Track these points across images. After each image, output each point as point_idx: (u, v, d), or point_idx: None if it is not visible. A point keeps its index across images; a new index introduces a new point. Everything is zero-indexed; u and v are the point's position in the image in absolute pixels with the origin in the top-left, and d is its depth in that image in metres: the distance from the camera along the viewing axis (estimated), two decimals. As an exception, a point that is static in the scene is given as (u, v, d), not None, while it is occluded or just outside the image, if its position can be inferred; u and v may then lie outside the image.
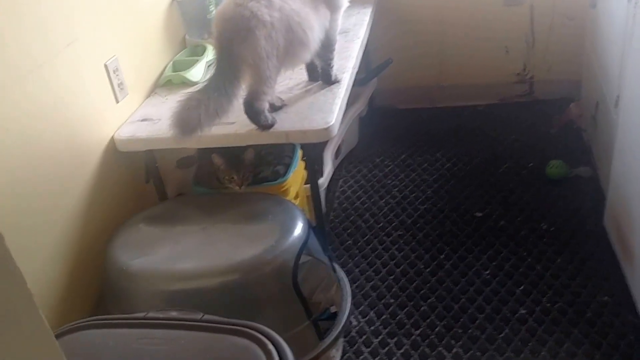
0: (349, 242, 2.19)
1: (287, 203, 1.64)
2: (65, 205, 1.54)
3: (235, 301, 1.43)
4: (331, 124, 1.62)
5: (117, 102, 1.78)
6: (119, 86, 1.78)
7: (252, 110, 1.59)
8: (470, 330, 1.78)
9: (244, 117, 1.66)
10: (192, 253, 1.48)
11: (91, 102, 1.66)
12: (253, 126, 1.64)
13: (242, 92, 1.57)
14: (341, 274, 1.76)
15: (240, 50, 1.51)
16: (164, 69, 2.06)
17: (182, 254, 1.48)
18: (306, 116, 1.67)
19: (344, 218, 2.31)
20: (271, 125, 1.63)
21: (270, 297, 1.46)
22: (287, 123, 1.65)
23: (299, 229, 1.53)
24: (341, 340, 1.72)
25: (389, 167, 2.59)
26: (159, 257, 1.48)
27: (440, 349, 1.74)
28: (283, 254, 1.45)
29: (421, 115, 2.95)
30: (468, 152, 2.64)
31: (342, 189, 2.49)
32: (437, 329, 1.80)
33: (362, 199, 2.41)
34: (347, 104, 1.87)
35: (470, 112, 2.93)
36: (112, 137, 1.74)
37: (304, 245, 1.51)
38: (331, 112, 1.67)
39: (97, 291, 1.62)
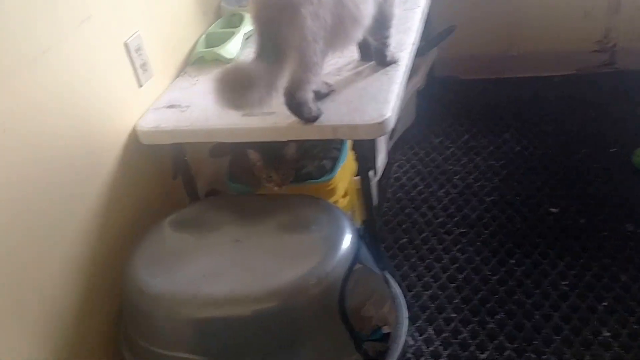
0: (404, 240, 1.95)
1: (334, 210, 1.41)
2: (79, 210, 1.36)
3: (271, 332, 1.24)
4: (386, 117, 1.37)
5: (140, 86, 1.57)
6: (141, 67, 1.57)
7: (294, 102, 1.36)
8: (544, 357, 1.54)
9: (285, 107, 1.42)
10: (223, 273, 1.28)
11: (109, 89, 1.45)
12: (295, 118, 1.41)
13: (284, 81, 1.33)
14: (396, 289, 1.53)
15: (283, 32, 1.26)
16: (195, 44, 1.84)
17: (210, 273, 1.28)
18: (357, 107, 1.42)
19: (398, 210, 2.08)
20: (316, 118, 1.39)
21: (312, 327, 1.26)
22: (334, 115, 1.41)
23: (347, 243, 1.31)
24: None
25: (450, 150, 2.32)
26: (184, 277, 1.28)
27: (510, 378, 1.51)
28: (328, 276, 1.24)
29: (487, 88, 2.65)
30: (540, 133, 2.34)
31: (396, 174, 2.24)
32: (506, 353, 1.57)
33: (419, 187, 2.16)
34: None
35: (542, 85, 2.60)
36: (134, 127, 1.54)
37: (353, 265, 1.29)
38: (386, 102, 1.42)
39: (116, 307, 1.45)
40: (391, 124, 1.38)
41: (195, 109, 1.55)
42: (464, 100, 2.59)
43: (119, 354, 1.43)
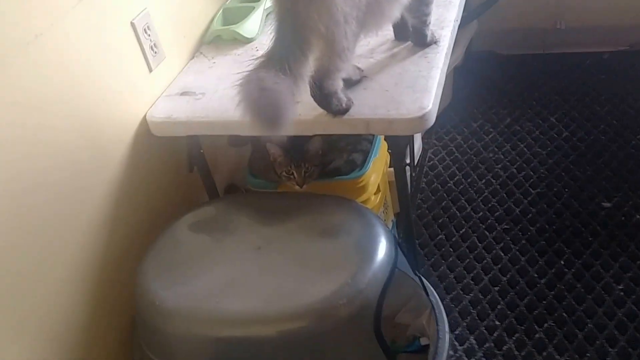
0: (441, 236, 1.81)
1: (367, 214, 1.27)
2: (85, 210, 1.24)
3: (300, 354, 1.11)
4: (427, 110, 1.21)
5: (150, 70, 1.43)
6: (151, 49, 1.42)
7: (321, 93, 1.21)
8: (601, 373, 1.41)
9: (310, 97, 1.28)
10: (243, 285, 1.15)
11: (115, 75, 1.32)
12: (322, 110, 1.26)
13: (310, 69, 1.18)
14: (436, 297, 1.40)
15: (308, 12, 1.10)
16: (211, 21, 1.69)
17: (230, 285, 1.16)
18: (392, 97, 1.27)
19: (434, 203, 1.93)
20: (346, 110, 1.24)
21: (344, 350, 1.13)
22: (367, 107, 1.25)
23: (383, 254, 1.17)
24: (436, 395, 1.38)
25: (490, 135, 2.15)
26: (200, 289, 1.16)
27: (562, 397, 1.38)
28: (363, 293, 1.10)
29: (531, 64, 2.46)
30: (590, 116, 2.15)
31: (431, 162, 2.08)
32: (557, 368, 1.43)
33: (457, 177, 2.01)
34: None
35: (592, 62, 2.41)
36: (145, 117, 1.40)
37: (390, 279, 1.16)
38: (426, 90, 1.26)
39: (130, 314, 1.34)
40: (433, 118, 1.22)
41: (212, 96, 1.41)
42: (506, 79, 2.41)
43: (132, 367, 1.33)
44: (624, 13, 2.35)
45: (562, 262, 1.67)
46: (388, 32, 1.48)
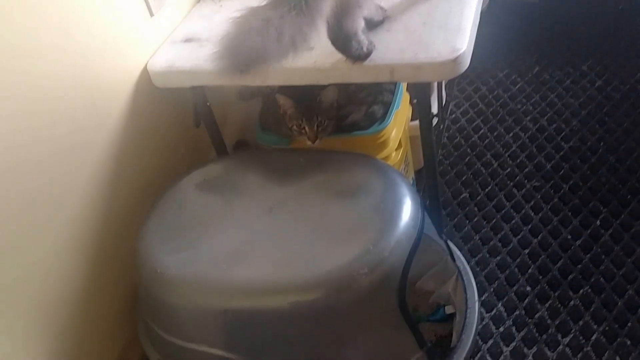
0: (465, 195, 1.67)
1: (389, 172, 1.13)
2: (83, 170, 1.12)
3: (315, 327, 0.99)
4: (461, 51, 1.06)
5: (152, 15, 1.28)
6: (153, -9, 1.27)
7: (339, 34, 1.05)
8: (644, 343, 1.28)
9: (327, 39, 1.12)
10: (254, 252, 1.03)
11: (113, 20, 1.17)
12: (340, 55, 1.11)
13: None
14: (463, 264, 1.27)
15: None
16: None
17: (239, 252, 1.03)
18: (420, 38, 1.11)
19: (457, 159, 1.78)
20: (368, 55, 1.09)
21: (365, 323, 1.01)
22: (391, 51, 1.10)
23: (408, 217, 1.03)
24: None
25: (518, 86, 1.98)
26: (207, 256, 1.04)
27: (600, 369, 1.25)
28: (386, 261, 0.98)
29: (560, 9, 2.25)
30: (625, 64, 1.97)
31: (453, 116, 1.92)
32: (594, 338, 1.30)
33: (482, 131, 1.85)
34: None
35: (626, 5, 2.20)
36: (146, 67, 1.26)
37: (417, 244, 1.02)
38: (460, 31, 1.10)
39: (133, 286, 1.23)
40: (467, 62, 1.07)
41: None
42: (534, 25, 2.21)
43: (137, 340, 1.22)
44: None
45: (599, 223, 1.52)
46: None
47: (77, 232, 1.11)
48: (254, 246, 1.04)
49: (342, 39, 1.07)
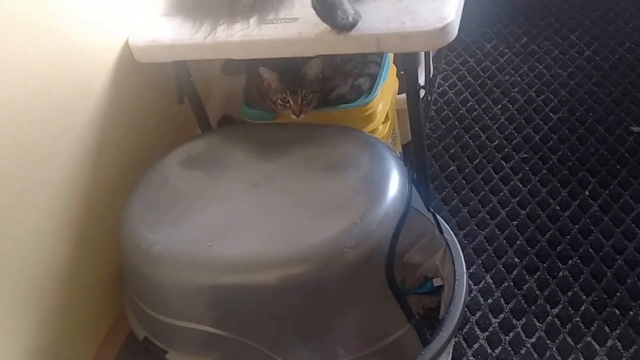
0: (453, 168, 1.65)
1: (376, 145, 1.12)
2: (64, 147, 1.10)
3: (303, 302, 0.98)
4: (449, 20, 1.03)
5: (131, -13, 1.25)
6: (131, -38, 1.23)
7: (324, 3, 1.03)
8: (631, 313, 1.28)
9: (311, 11, 1.09)
10: (240, 227, 1.01)
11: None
12: (325, 25, 1.08)
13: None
14: (451, 236, 1.26)
15: None
16: None
17: (225, 227, 1.02)
18: (406, 7, 1.08)
19: (444, 132, 1.76)
20: (353, 25, 1.06)
21: (353, 297, 1.00)
22: (377, 20, 1.07)
23: (396, 190, 1.02)
24: (452, 342, 1.25)
25: (506, 57, 1.96)
26: (192, 232, 1.03)
27: (588, 339, 1.25)
28: (373, 235, 0.96)
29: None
30: (614, 34, 1.95)
31: (441, 89, 1.90)
32: (583, 308, 1.30)
33: (469, 103, 1.83)
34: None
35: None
36: (127, 42, 1.23)
37: (404, 217, 1.01)
38: (447, -1, 1.07)
39: (119, 263, 1.21)
40: (455, 30, 1.05)
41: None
42: (522, -5, 2.19)
43: (124, 317, 1.21)
44: None
45: (587, 193, 1.51)
46: None
47: (61, 210, 1.10)
48: (239, 222, 1.03)
49: (326, 8, 1.04)
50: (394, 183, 1.03)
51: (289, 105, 1.22)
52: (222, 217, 1.04)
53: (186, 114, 1.39)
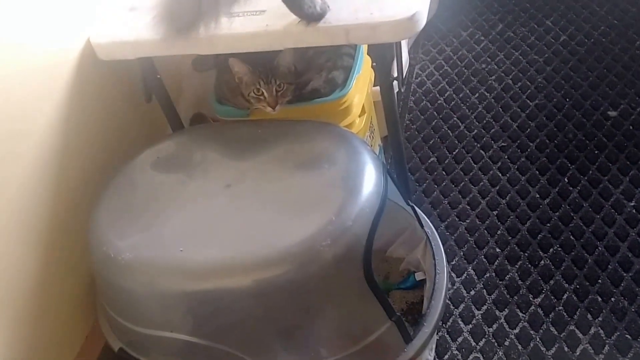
0: (432, 159, 1.63)
1: (351, 139, 1.09)
2: (27, 149, 1.05)
3: (281, 303, 0.95)
4: (416, 10, 1.01)
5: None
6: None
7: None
8: (613, 300, 1.27)
9: (278, 3, 1.06)
10: (212, 231, 0.98)
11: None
12: (293, 17, 1.05)
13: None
14: (431, 229, 1.24)
15: None
16: None
17: (197, 231, 0.98)
18: (376, -3, 1.05)
19: (423, 123, 1.74)
20: (321, 15, 1.04)
21: (331, 296, 0.98)
22: (345, 11, 1.04)
23: (371, 184, 0.99)
24: (435, 337, 1.24)
25: (482, 45, 1.94)
26: (162, 237, 0.99)
27: (572, 328, 1.24)
28: (349, 231, 0.94)
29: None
30: (589, 17, 1.95)
31: (419, 79, 1.88)
32: (565, 297, 1.29)
33: (447, 93, 1.81)
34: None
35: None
36: (89, 40, 1.18)
37: (381, 211, 0.99)
38: (416, -12, 1.05)
39: (89, 272, 1.17)
40: (423, 19, 1.02)
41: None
42: (496, -18, 2.17)
43: (99, 328, 1.17)
44: None
45: (566, 180, 1.51)
46: None
47: (24, 218, 1.05)
48: (212, 224, 0.99)
49: None
50: (369, 178, 1.01)
51: (264, 98, 1.18)
52: (194, 220, 1.01)
53: (156, 114, 1.35)
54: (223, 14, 1.05)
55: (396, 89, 1.42)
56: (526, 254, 1.38)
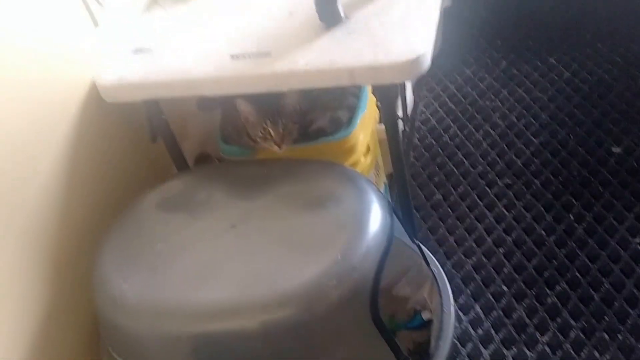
0: (437, 196, 1.66)
1: (356, 178, 1.11)
2: (32, 193, 1.07)
3: (287, 345, 0.96)
4: (421, 52, 1.04)
5: (96, 24, 1.25)
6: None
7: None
8: (620, 337, 1.28)
9: (283, 45, 1.10)
10: (218, 272, 1.00)
11: (54, 30, 1.13)
12: (297, 60, 1.09)
13: None
14: (437, 268, 1.25)
15: None
16: (168, -31, 1.48)
17: (202, 273, 1.00)
18: (379, 40, 1.09)
19: (428, 160, 1.77)
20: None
21: (338, 337, 0.99)
22: (350, 53, 1.08)
23: (377, 223, 1.01)
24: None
25: (486, 82, 1.98)
26: (168, 278, 1.01)
27: (580, 366, 1.25)
28: (356, 271, 0.95)
29: (524, 3, 2.26)
30: (592, 55, 1.99)
31: (423, 116, 1.92)
32: (572, 335, 1.30)
33: (451, 130, 1.84)
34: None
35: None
36: (93, 81, 1.22)
37: (388, 250, 1.00)
38: (420, 30, 1.09)
39: (93, 315, 1.19)
40: (427, 62, 1.05)
41: (170, 52, 1.22)
42: (499, 20, 2.22)
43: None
44: None
45: (572, 217, 1.52)
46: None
47: (27, 260, 1.07)
48: (218, 265, 1.01)
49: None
50: (375, 217, 1.03)
51: (270, 137, 1.22)
52: (200, 262, 1.02)
53: (161, 154, 1.38)
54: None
55: (401, 127, 1.45)
56: (533, 292, 1.39)
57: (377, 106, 1.46)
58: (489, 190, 1.63)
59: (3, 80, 1.01)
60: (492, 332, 1.34)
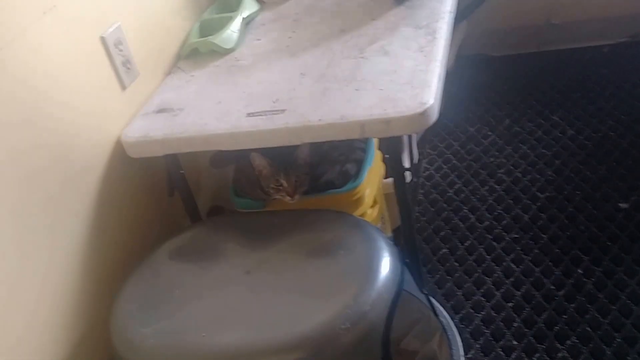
0: (444, 250, 1.73)
1: (366, 227, 1.19)
2: (56, 241, 1.16)
3: (299, 389, 1.02)
4: (428, 105, 1.14)
5: (124, 88, 1.36)
6: (124, 65, 1.35)
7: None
8: (635, 392, 1.32)
9: (297, 101, 1.21)
10: (233, 316, 1.07)
11: (85, 93, 1.24)
12: (310, 116, 1.19)
13: None
14: (447, 318, 1.31)
15: None
16: (188, 34, 1.62)
17: (218, 317, 1.07)
18: (388, 95, 1.20)
19: (433, 215, 1.85)
20: None
21: (350, 382, 1.04)
22: (360, 108, 1.18)
23: (387, 270, 1.09)
24: None
25: (489, 139, 2.09)
26: (184, 323, 1.07)
27: (594, 421, 1.28)
28: (367, 316, 1.02)
29: (526, 64, 2.41)
30: (596, 113, 2.10)
31: (427, 173, 2.01)
32: (585, 389, 1.34)
33: (457, 186, 1.93)
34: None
35: (592, 56, 2.36)
36: (119, 138, 1.32)
37: (398, 296, 1.07)
38: (426, 85, 1.20)
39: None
40: (435, 114, 1.15)
41: (190, 111, 1.34)
42: (501, 81, 2.35)
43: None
44: (621, 3, 2.32)
45: (581, 271, 1.59)
46: (377, 30, 1.43)
47: (49, 306, 1.14)
48: (232, 311, 1.08)
49: None
50: (385, 263, 1.10)
51: (283, 188, 1.30)
52: (215, 307, 1.09)
53: (176, 206, 1.46)
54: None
55: (407, 179, 1.54)
56: (544, 347, 1.43)
57: (384, 161, 1.56)
58: (496, 245, 1.70)
59: (37, 136, 1.11)
60: (504, 386, 1.38)
